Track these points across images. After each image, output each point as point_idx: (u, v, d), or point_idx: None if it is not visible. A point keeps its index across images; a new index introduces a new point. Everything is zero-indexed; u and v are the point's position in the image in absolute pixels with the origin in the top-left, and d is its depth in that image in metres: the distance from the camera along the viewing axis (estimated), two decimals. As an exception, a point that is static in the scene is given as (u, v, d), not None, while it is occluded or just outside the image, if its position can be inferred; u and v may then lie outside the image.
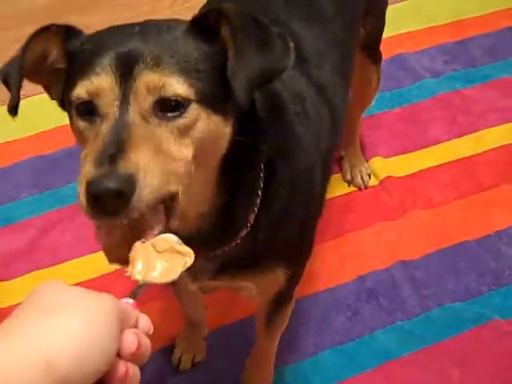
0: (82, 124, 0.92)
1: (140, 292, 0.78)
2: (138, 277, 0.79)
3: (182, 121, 0.89)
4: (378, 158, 2.28)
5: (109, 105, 0.87)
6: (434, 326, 1.89)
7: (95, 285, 1.90)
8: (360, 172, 2.22)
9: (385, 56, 2.27)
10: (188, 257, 0.82)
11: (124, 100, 0.87)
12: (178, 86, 0.88)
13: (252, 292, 1.33)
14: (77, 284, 1.89)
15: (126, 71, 0.88)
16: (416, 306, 1.92)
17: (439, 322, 1.90)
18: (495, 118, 2.43)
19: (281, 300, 1.43)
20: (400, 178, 2.23)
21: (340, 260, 1.99)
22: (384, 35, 1.93)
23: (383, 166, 2.26)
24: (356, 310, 1.90)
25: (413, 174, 2.25)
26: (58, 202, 2.08)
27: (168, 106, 0.88)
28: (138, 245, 0.82)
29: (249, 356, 1.73)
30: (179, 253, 0.82)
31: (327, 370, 1.79)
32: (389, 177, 2.22)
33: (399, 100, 2.48)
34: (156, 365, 1.78)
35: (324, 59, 1.41)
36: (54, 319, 0.61)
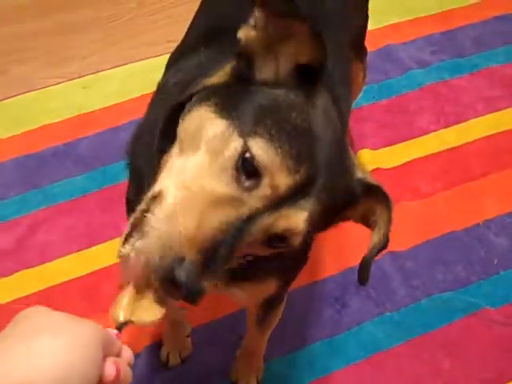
0: (232, 168, 0.83)
1: (125, 326, 0.78)
2: (121, 318, 0.78)
3: (275, 250, 0.90)
4: (365, 149, 2.28)
5: (262, 200, 0.83)
6: (423, 316, 1.89)
7: (84, 283, 1.90)
8: None
9: (372, 48, 2.27)
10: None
11: (274, 209, 0.83)
12: (303, 234, 0.87)
13: (241, 297, 1.33)
14: (66, 282, 1.90)
15: (298, 191, 0.84)
16: (405, 297, 1.92)
17: (429, 312, 1.90)
18: (483, 107, 2.43)
19: (273, 302, 1.43)
20: (388, 169, 2.23)
21: (328, 252, 1.99)
22: (370, 27, 1.92)
23: (371, 158, 2.25)
24: (345, 303, 1.90)
25: (401, 166, 2.25)
26: (46, 200, 2.07)
27: (280, 238, 0.87)
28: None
29: (238, 348, 1.74)
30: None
31: (316, 362, 1.79)
32: (377, 169, 2.21)
33: (387, 91, 2.47)
34: (146, 361, 1.78)
35: (334, 69, 1.34)
36: (37, 342, 0.62)
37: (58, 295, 1.87)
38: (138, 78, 2.42)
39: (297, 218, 0.84)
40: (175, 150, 0.90)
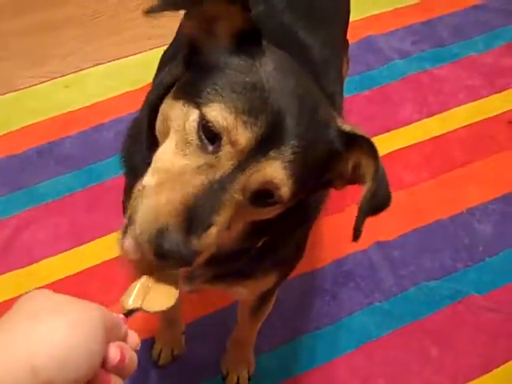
0: (195, 139, 0.87)
1: (133, 313, 0.80)
2: (130, 303, 0.81)
3: (269, 208, 0.91)
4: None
5: (231, 157, 0.85)
6: (411, 304, 1.92)
7: (73, 282, 1.90)
8: None
9: (353, 39, 2.28)
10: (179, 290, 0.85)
11: (244, 165, 0.85)
12: (288, 186, 0.88)
13: (242, 293, 1.34)
14: (55, 282, 1.89)
15: (267, 144, 0.86)
16: (393, 286, 1.95)
17: (417, 301, 1.93)
18: (464, 96, 2.45)
19: (266, 295, 1.45)
20: (372, 160, 2.24)
21: (316, 245, 2.00)
22: (351, 18, 1.92)
23: (355, 149, 2.26)
24: (334, 294, 1.92)
25: (385, 156, 2.20)
26: (31, 201, 2.06)
27: (266, 194, 0.89)
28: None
29: (228, 339, 1.75)
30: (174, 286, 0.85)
31: (307, 354, 1.81)
32: (361, 160, 2.22)
33: (369, 82, 2.48)
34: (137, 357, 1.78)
35: (328, 67, 1.37)
36: (41, 324, 0.62)
37: (48, 295, 1.86)
38: (121, 75, 2.42)
39: (270, 169, 0.86)
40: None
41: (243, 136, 0.84)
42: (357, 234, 0.96)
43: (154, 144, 0.96)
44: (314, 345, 1.84)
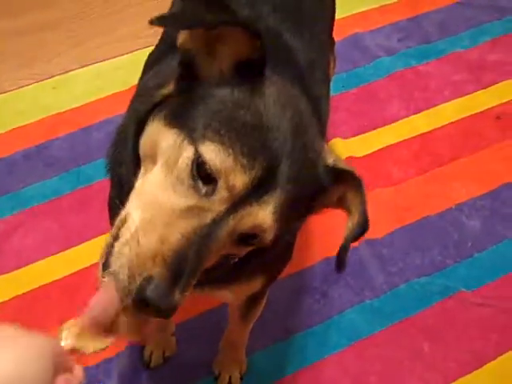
0: (187, 177, 0.83)
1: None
2: (63, 342, 0.80)
3: (251, 246, 0.90)
4: (337, 139, 2.29)
5: (224, 201, 0.82)
6: (401, 301, 1.92)
7: (62, 285, 1.89)
8: None
9: (339, 37, 2.28)
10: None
11: (236, 208, 0.83)
12: (273, 229, 0.87)
13: (228, 297, 1.33)
14: (45, 285, 1.88)
15: (260, 187, 0.83)
16: (383, 284, 1.95)
17: (407, 298, 1.93)
18: (450, 92, 2.46)
19: (255, 297, 1.44)
20: (360, 157, 2.25)
21: (305, 243, 2.00)
22: (337, 16, 1.92)
23: (343, 147, 2.27)
24: (324, 292, 1.92)
25: (373, 153, 2.27)
26: (18, 205, 2.05)
27: (251, 235, 0.87)
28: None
29: (220, 340, 1.75)
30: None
31: (298, 353, 1.81)
32: (349, 157, 2.23)
33: (356, 80, 2.49)
34: (129, 360, 1.78)
35: (315, 69, 1.35)
36: None
37: (38, 299, 1.85)
38: (108, 76, 2.41)
39: (262, 214, 0.84)
40: (142, 170, 0.90)
41: (240, 180, 0.82)
42: (342, 265, 0.98)
43: (139, 160, 0.93)
44: (305, 343, 1.84)
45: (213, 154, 0.81)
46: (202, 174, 0.82)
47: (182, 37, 0.89)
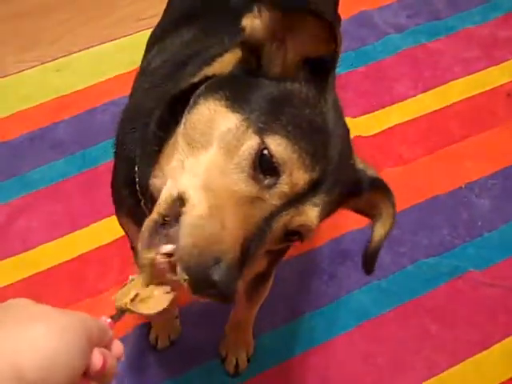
0: (248, 166, 0.82)
1: (121, 316, 0.79)
2: (122, 303, 0.80)
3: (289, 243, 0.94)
4: (346, 118, 2.26)
5: (283, 195, 0.82)
6: (410, 282, 1.91)
7: (68, 268, 1.89)
8: None
9: (347, 15, 2.25)
10: (174, 294, 0.83)
11: (291, 205, 0.84)
12: (316, 227, 0.88)
13: None
14: (51, 268, 1.88)
15: (314, 188, 0.85)
16: (391, 264, 1.93)
17: (415, 278, 1.92)
18: (461, 69, 2.42)
19: (261, 278, 1.44)
20: (369, 136, 2.22)
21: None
22: (342, -7, 1.89)
23: (351, 126, 2.19)
24: (332, 273, 1.91)
25: (381, 132, 2.24)
26: (25, 187, 2.04)
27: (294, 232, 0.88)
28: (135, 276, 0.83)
29: (226, 323, 1.74)
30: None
31: (306, 334, 1.81)
32: (358, 137, 2.20)
33: (364, 58, 2.45)
34: (136, 342, 1.78)
35: None
36: (28, 329, 0.63)
37: (44, 281, 1.86)
38: (111, 58, 2.38)
39: (312, 214, 0.86)
40: (181, 143, 0.88)
41: (303, 179, 0.82)
42: (372, 269, 1.06)
43: (163, 135, 0.93)
44: (313, 324, 1.83)
45: (280, 148, 0.81)
46: (265, 165, 0.82)
47: (254, 26, 0.86)
